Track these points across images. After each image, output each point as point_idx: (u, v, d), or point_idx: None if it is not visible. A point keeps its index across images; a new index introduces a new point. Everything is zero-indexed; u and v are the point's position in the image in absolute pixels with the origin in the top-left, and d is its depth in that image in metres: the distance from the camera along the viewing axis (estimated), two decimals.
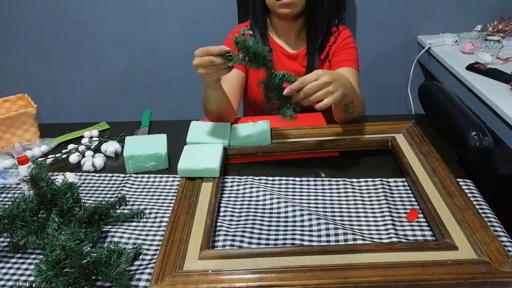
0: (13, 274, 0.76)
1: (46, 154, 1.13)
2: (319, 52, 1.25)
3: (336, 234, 0.80)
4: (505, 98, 1.41)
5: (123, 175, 1.03)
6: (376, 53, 2.11)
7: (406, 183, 0.94)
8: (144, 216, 0.88)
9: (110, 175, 1.04)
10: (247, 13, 1.31)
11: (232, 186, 0.96)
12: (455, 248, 0.72)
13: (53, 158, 1.08)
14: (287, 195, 0.93)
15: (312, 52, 1.24)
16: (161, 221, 0.87)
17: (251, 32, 1.21)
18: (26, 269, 0.77)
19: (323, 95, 0.88)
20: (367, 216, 0.85)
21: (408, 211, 0.86)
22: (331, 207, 0.88)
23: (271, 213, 0.87)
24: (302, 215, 0.85)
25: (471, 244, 0.72)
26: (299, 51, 1.28)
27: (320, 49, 1.25)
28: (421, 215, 0.84)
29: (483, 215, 0.79)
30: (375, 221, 0.84)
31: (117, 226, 0.86)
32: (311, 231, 0.82)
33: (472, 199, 0.83)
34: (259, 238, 0.80)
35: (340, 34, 1.27)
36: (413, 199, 0.89)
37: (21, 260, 0.79)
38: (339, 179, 0.96)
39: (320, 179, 0.97)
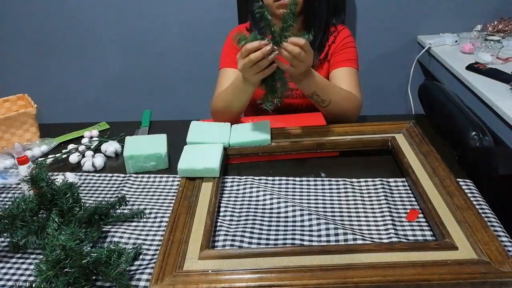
0: (13, 274, 0.76)
1: (46, 154, 1.13)
2: (318, 52, 1.26)
3: (336, 234, 0.80)
4: (505, 98, 1.41)
5: (123, 175, 1.03)
6: (376, 53, 2.11)
7: (406, 183, 0.94)
8: (144, 216, 0.88)
9: (110, 175, 1.04)
10: (247, 13, 1.31)
11: (232, 186, 0.96)
12: (455, 248, 0.72)
13: (53, 158, 1.08)
14: (287, 195, 0.93)
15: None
16: (161, 221, 0.87)
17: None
18: (26, 269, 0.77)
19: (293, 63, 0.94)
20: (367, 216, 0.85)
21: (408, 211, 0.86)
22: (331, 207, 0.88)
23: (271, 213, 0.87)
24: (302, 215, 0.85)
25: (471, 244, 0.72)
26: None
27: (319, 48, 1.25)
28: (421, 215, 0.84)
29: (483, 215, 0.79)
30: (375, 221, 0.84)
31: (117, 226, 0.86)
32: (311, 231, 0.82)
33: (472, 199, 0.83)
34: (259, 238, 0.81)
35: (340, 33, 1.27)
36: (413, 199, 0.89)
37: (21, 260, 0.79)
38: (339, 179, 0.96)
39: (320, 179, 0.97)
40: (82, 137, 1.19)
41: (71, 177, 1.00)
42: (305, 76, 1.02)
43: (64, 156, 1.09)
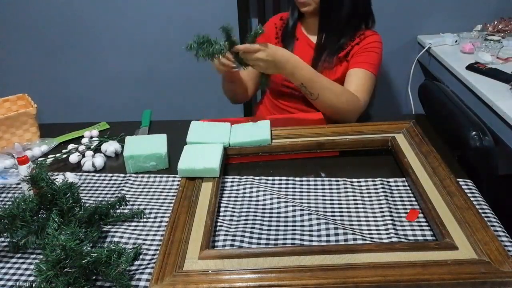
0: (13, 274, 0.76)
1: (46, 154, 1.13)
2: (337, 50, 1.28)
3: (336, 234, 0.80)
4: (505, 98, 1.41)
5: (123, 175, 1.03)
6: None
7: (406, 183, 0.94)
8: (144, 216, 0.88)
9: (110, 175, 1.04)
10: (247, 12, 1.33)
11: (232, 186, 0.96)
12: (455, 248, 0.72)
13: (53, 158, 1.08)
14: (287, 195, 0.93)
15: (322, 46, 1.29)
16: (161, 221, 0.87)
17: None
18: (26, 269, 0.77)
19: (254, 65, 1.08)
20: (367, 216, 0.85)
21: (408, 211, 0.86)
22: (331, 207, 0.88)
23: (271, 213, 0.87)
24: (302, 215, 0.85)
25: (471, 244, 0.72)
26: None
27: (339, 47, 1.28)
28: (421, 215, 0.84)
29: (483, 215, 0.79)
30: (375, 221, 0.84)
31: (117, 226, 0.86)
32: (311, 231, 0.82)
33: (472, 199, 0.83)
34: (259, 238, 0.81)
35: (367, 37, 1.28)
36: (413, 199, 0.89)
37: (21, 260, 0.79)
38: (339, 179, 0.96)
39: (320, 179, 0.97)
40: (82, 137, 1.19)
41: (71, 177, 1.00)
42: (283, 69, 1.09)
43: (64, 156, 1.09)
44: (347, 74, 1.25)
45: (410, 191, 0.92)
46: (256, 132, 1.06)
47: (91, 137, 1.19)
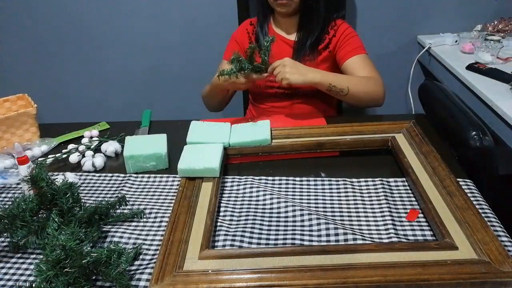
0: (13, 274, 0.76)
1: (46, 154, 1.13)
2: (315, 44, 1.31)
3: (336, 234, 0.80)
4: (505, 98, 1.41)
5: (123, 175, 1.03)
6: (376, 53, 2.10)
7: (406, 183, 0.94)
8: (144, 216, 0.88)
9: (110, 175, 1.04)
10: (247, 12, 1.34)
11: (232, 186, 0.96)
12: (455, 248, 0.72)
13: (53, 158, 1.08)
14: (287, 195, 0.93)
15: (302, 44, 1.31)
16: (161, 221, 0.87)
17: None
18: (26, 269, 0.77)
19: (281, 78, 1.12)
20: (367, 216, 0.85)
21: (408, 211, 0.86)
22: (331, 207, 0.88)
23: (271, 213, 0.87)
24: (302, 215, 0.85)
25: (471, 244, 0.72)
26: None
27: (316, 43, 1.30)
28: (421, 215, 0.84)
29: (483, 215, 0.79)
30: (375, 221, 0.84)
31: (117, 226, 0.86)
32: (311, 231, 0.82)
33: (472, 199, 0.83)
34: (259, 238, 0.81)
35: (339, 27, 1.32)
36: (413, 199, 0.89)
37: (21, 260, 0.79)
38: (339, 179, 0.96)
39: (320, 179, 0.97)
40: (82, 137, 1.19)
41: (71, 177, 1.00)
42: (310, 76, 1.13)
43: (64, 156, 1.09)
44: (347, 66, 1.28)
45: (410, 191, 0.92)
46: (256, 132, 1.06)
47: (91, 137, 1.19)
